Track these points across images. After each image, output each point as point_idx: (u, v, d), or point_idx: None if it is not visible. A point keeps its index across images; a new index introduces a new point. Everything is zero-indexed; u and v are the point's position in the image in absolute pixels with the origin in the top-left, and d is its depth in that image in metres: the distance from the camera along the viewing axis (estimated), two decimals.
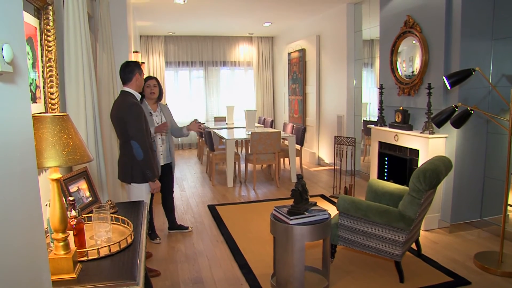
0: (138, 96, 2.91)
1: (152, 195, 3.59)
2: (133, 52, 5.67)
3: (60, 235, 1.48)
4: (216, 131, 6.81)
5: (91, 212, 2.23)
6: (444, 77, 3.24)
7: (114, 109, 2.85)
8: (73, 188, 2.21)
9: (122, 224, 2.05)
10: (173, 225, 3.96)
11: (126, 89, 2.87)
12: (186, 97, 9.71)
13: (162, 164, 3.60)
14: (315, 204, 2.92)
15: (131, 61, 2.92)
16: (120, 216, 2.08)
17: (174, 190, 3.95)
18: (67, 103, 2.54)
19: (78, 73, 2.56)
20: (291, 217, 2.69)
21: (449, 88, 3.23)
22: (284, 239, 2.73)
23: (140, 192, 2.89)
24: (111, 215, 2.08)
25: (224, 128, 7.43)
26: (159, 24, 7.95)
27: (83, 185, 2.33)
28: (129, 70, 2.86)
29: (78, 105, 2.57)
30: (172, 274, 3.15)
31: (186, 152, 9.30)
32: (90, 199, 2.36)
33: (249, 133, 5.97)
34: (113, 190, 3.64)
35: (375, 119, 6.33)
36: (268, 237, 3.82)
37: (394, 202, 3.39)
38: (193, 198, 5.33)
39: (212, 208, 4.82)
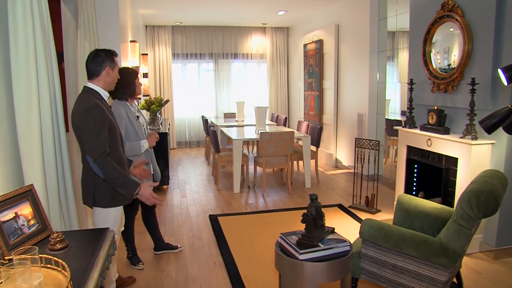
0: (106, 95, 2.29)
1: (135, 211, 3.03)
2: (130, 41, 5.12)
3: None
4: (223, 129, 6.22)
5: (35, 245, 1.68)
6: (499, 70, 2.55)
7: (73, 111, 2.24)
8: (5, 216, 1.65)
9: (63, 271, 1.48)
10: (160, 245, 3.38)
11: (90, 85, 2.24)
12: (195, 92, 9.14)
13: None
14: (332, 231, 2.30)
15: (103, 50, 2.30)
16: (54, 258, 1.49)
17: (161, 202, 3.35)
18: (15, 103, 1.97)
19: (29, 64, 1.99)
20: (302, 250, 2.09)
21: (505, 84, 2.55)
22: (292, 278, 2.12)
23: (107, 216, 2.29)
24: (47, 256, 1.51)
25: (234, 126, 6.83)
26: (165, 13, 7.38)
27: (25, 210, 1.77)
28: (98, 61, 2.24)
29: (30, 105, 2.00)
30: None
31: (193, 151, 8.75)
32: (36, 227, 1.80)
33: (259, 132, 5.37)
34: (86, 215, 3.09)
35: (397, 117, 5.65)
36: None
37: (430, 225, 2.74)
38: (194, 206, 4.76)
39: (213, 219, 4.24)
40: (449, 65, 3.74)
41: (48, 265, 1.50)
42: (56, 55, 2.28)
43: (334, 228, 2.34)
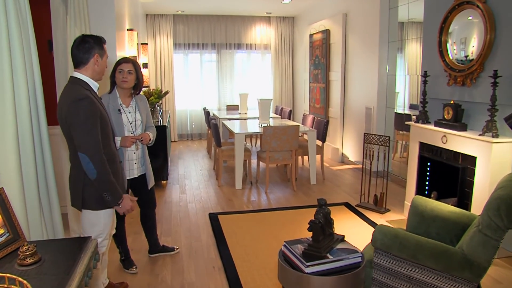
0: (96, 86, 2.07)
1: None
2: (127, 30, 4.87)
3: None
4: (226, 122, 5.98)
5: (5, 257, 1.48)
6: None
7: (59, 103, 2.02)
8: None
9: None
10: (156, 247, 3.16)
11: (77, 74, 2.01)
12: (197, 83, 8.88)
13: (136, 176, 2.79)
14: (342, 240, 2.08)
15: (91, 36, 2.07)
16: (18, 278, 1.27)
17: (160, 200, 3.14)
18: None
19: (1, 53, 1.76)
20: (308, 263, 1.86)
21: None
22: None
23: (96, 220, 2.09)
24: (10, 275, 1.30)
25: (237, 118, 6.59)
26: (166, 1, 7.10)
27: None
28: (86, 48, 2.00)
29: (3, 98, 1.79)
30: None
31: (195, 144, 8.53)
32: (6, 237, 1.58)
33: (262, 126, 5.13)
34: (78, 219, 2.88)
35: (406, 111, 5.37)
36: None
37: (448, 231, 2.51)
38: (193, 203, 4.54)
39: (213, 218, 4.02)
40: (466, 56, 3.48)
41: (12, 286, 1.29)
42: (35, 42, 2.05)
43: (344, 236, 2.11)
